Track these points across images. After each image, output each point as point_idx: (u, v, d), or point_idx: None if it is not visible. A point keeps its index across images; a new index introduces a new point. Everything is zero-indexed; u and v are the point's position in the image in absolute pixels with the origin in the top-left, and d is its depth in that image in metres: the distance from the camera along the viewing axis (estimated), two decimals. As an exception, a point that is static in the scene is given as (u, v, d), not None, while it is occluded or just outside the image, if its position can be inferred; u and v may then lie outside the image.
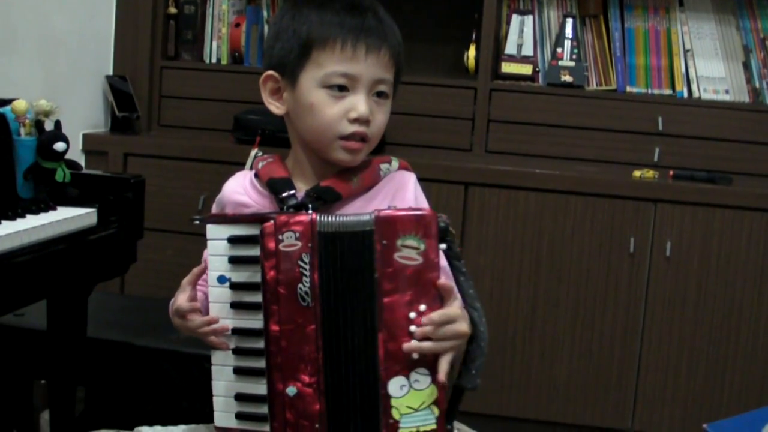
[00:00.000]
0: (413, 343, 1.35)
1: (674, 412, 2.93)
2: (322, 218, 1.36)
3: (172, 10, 3.40)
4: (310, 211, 1.43)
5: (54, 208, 2.04)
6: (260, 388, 1.42)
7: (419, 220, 1.34)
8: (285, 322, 1.36)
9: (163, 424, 1.64)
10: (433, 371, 1.36)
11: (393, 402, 1.36)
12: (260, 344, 1.41)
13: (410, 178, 1.56)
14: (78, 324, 2.23)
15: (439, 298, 1.36)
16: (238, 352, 1.44)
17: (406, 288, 1.35)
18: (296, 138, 1.56)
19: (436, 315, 1.35)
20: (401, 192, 1.53)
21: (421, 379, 1.36)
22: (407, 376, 1.36)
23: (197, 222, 1.44)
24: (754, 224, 2.87)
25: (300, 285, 1.36)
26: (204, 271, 1.48)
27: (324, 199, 1.48)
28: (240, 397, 1.44)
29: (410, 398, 1.36)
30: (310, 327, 1.36)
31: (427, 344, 1.34)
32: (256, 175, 1.57)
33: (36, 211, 1.98)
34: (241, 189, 1.56)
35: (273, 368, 1.38)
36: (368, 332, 1.36)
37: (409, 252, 1.34)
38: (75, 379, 2.29)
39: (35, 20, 2.85)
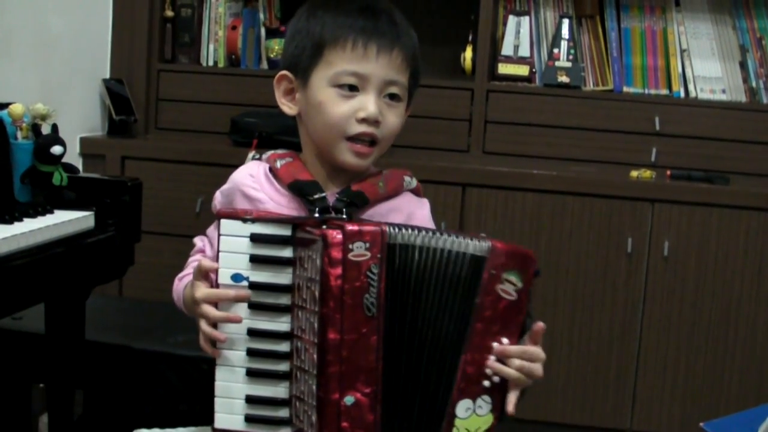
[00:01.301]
0: (498, 365, 1.37)
1: (673, 411, 2.94)
2: (392, 230, 1.36)
3: (169, 13, 3.40)
4: (344, 215, 1.44)
5: (51, 212, 2.04)
6: (279, 391, 1.41)
7: (526, 259, 1.38)
8: (348, 332, 1.35)
9: (162, 426, 1.63)
10: (495, 400, 1.39)
11: (456, 422, 1.38)
12: (281, 347, 1.40)
13: (427, 206, 1.58)
14: (76, 327, 2.23)
15: (518, 337, 1.39)
16: (253, 353, 1.42)
17: (497, 319, 1.37)
18: (307, 141, 1.55)
19: (532, 349, 1.38)
20: (418, 215, 1.55)
21: (484, 406, 1.39)
22: (474, 401, 1.39)
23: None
24: (751, 224, 2.87)
25: (366, 295, 1.35)
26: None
27: (356, 204, 1.48)
28: (254, 400, 1.42)
29: (470, 422, 1.39)
30: (372, 337, 1.35)
31: (511, 371, 1.37)
32: (271, 171, 1.54)
33: (33, 215, 1.98)
34: (255, 183, 1.53)
35: (330, 377, 1.35)
36: (452, 351, 1.37)
37: (508, 286, 1.37)
38: (73, 382, 2.29)
39: (31, 24, 2.85)
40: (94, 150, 3.19)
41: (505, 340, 1.37)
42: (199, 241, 1.62)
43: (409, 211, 1.55)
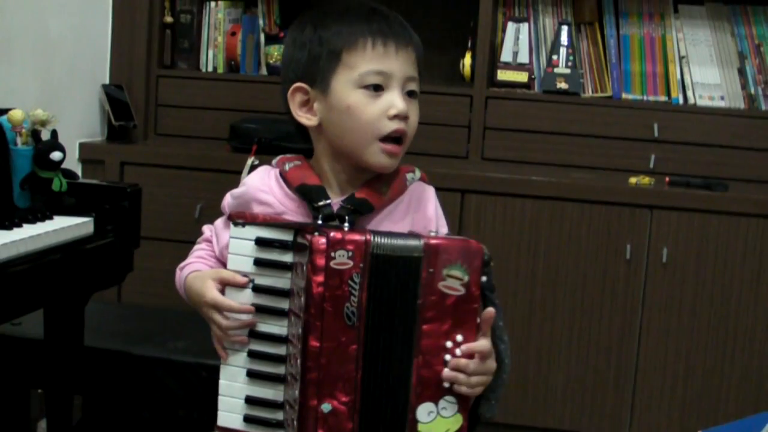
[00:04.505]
0: (450, 373, 1.36)
1: (671, 418, 2.93)
2: (376, 239, 1.36)
3: (169, 18, 3.41)
4: (346, 223, 1.44)
5: (51, 218, 2.04)
6: (277, 394, 1.42)
7: (467, 251, 1.36)
8: (327, 339, 1.35)
9: (160, 432, 1.64)
10: (460, 400, 1.38)
11: (420, 427, 1.37)
12: (280, 350, 1.42)
13: (431, 193, 1.59)
14: (75, 333, 2.23)
15: (476, 330, 1.37)
16: (254, 355, 1.43)
17: (446, 317, 1.36)
18: (326, 149, 1.54)
19: (477, 346, 1.37)
20: (423, 207, 1.56)
21: (449, 406, 1.38)
22: (436, 403, 1.37)
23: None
24: (749, 230, 2.87)
25: (347, 304, 1.34)
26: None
27: (360, 212, 1.48)
28: (252, 401, 1.44)
29: (436, 424, 1.38)
30: (352, 346, 1.35)
31: (462, 377, 1.37)
32: (281, 174, 1.54)
33: (33, 221, 1.98)
34: (266, 187, 1.53)
35: (308, 383, 1.36)
36: (405, 357, 1.37)
37: (452, 282, 1.35)
38: (72, 388, 2.29)
39: (31, 29, 2.85)
40: (94, 156, 3.19)
41: (459, 337, 1.36)
42: (207, 230, 1.64)
43: (416, 202, 1.55)
